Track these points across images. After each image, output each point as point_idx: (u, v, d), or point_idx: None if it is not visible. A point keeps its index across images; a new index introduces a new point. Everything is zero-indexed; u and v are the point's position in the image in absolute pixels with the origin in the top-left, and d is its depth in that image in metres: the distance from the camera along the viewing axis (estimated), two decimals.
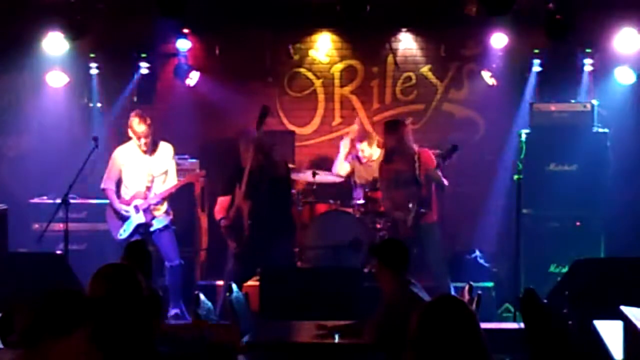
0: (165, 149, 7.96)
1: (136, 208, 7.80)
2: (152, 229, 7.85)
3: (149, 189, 7.84)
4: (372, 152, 8.70)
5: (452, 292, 7.04)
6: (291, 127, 9.77)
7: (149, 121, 7.77)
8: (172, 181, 7.94)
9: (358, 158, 8.76)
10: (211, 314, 5.29)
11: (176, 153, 8.20)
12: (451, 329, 2.92)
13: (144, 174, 7.85)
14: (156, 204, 7.86)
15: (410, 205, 7.53)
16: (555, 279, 7.52)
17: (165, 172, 7.90)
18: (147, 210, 7.81)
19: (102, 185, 7.92)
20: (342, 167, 8.85)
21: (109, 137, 8.79)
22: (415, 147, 7.63)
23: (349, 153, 8.91)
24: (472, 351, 2.91)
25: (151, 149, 7.85)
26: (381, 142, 9.11)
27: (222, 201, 7.89)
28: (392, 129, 7.80)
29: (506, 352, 5.81)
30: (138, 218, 7.80)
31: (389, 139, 7.78)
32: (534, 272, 8.02)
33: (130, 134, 7.82)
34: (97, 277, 3.85)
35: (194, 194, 8.88)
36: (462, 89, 9.73)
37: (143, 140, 7.76)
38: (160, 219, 7.89)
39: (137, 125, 7.74)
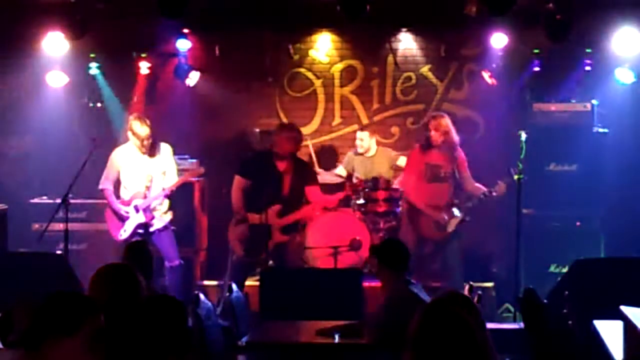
0: (165, 149, 7.95)
1: (136, 208, 7.79)
2: (152, 229, 7.84)
3: (148, 189, 7.83)
4: (370, 144, 8.74)
5: None
6: None
7: (148, 122, 7.76)
8: (171, 180, 7.91)
9: (355, 151, 8.83)
10: (211, 314, 5.27)
11: (176, 153, 8.19)
12: (452, 329, 2.91)
13: (143, 175, 7.84)
14: (157, 204, 7.85)
15: (455, 212, 7.50)
16: (555, 279, 7.52)
17: (164, 173, 7.89)
18: (146, 210, 7.80)
19: (100, 186, 7.91)
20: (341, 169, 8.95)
21: (109, 137, 8.78)
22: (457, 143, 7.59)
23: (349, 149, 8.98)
24: (473, 352, 2.90)
25: (151, 150, 7.83)
26: (379, 141, 9.17)
27: (240, 183, 7.82)
28: (438, 124, 7.68)
29: (506, 352, 5.79)
30: (138, 218, 7.79)
31: (437, 135, 7.65)
32: (534, 272, 8.02)
33: (130, 136, 7.79)
34: (97, 278, 3.86)
35: (194, 194, 8.87)
36: (462, 89, 9.73)
37: (145, 142, 7.74)
38: (160, 219, 7.88)
39: (139, 127, 7.70)
